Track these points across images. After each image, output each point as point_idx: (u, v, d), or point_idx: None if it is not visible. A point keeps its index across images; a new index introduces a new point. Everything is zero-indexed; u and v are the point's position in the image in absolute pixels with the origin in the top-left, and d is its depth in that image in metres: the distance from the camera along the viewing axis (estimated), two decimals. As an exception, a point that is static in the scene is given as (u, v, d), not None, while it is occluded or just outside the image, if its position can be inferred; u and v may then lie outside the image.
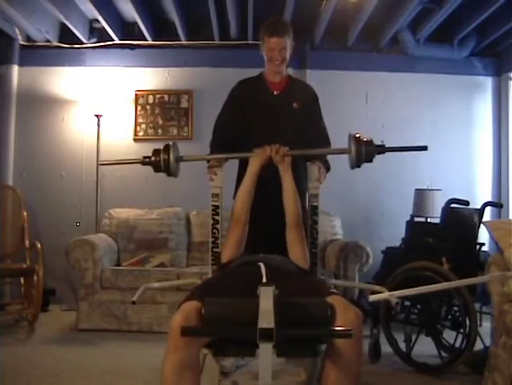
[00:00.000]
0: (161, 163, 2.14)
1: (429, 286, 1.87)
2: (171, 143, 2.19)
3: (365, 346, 3.00)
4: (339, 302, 1.52)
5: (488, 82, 4.91)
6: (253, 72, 2.67)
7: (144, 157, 2.19)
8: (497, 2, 3.80)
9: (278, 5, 4.06)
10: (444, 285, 1.98)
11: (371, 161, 2.09)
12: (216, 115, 2.67)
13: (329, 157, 2.57)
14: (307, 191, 2.49)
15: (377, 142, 2.08)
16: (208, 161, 2.50)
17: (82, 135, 4.70)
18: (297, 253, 2.04)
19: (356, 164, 2.09)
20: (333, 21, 4.34)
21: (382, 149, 2.09)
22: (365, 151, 2.06)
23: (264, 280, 1.59)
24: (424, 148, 2.09)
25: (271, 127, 2.56)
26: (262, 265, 1.74)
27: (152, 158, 2.15)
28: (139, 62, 4.77)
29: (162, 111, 4.76)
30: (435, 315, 2.96)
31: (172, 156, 2.15)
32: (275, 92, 2.60)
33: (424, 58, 4.76)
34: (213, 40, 4.70)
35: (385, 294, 1.79)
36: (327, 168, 2.54)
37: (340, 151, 2.23)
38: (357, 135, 2.09)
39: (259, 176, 2.20)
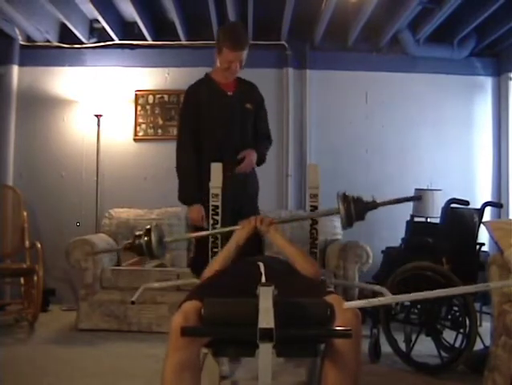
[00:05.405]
0: (144, 246, 2.06)
1: (422, 293, 1.51)
2: (153, 224, 2.13)
3: (365, 346, 3.01)
4: (338, 302, 1.52)
5: (488, 82, 4.90)
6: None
7: (126, 243, 2.12)
8: (497, 1, 3.80)
9: (278, 5, 4.06)
10: (440, 292, 1.63)
11: (362, 219, 1.97)
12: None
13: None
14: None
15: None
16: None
17: (82, 135, 4.70)
18: (302, 264, 1.91)
19: (347, 223, 1.99)
20: (333, 21, 4.33)
21: (373, 205, 1.99)
22: (355, 210, 1.98)
23: (263, 279, 1.59)
24: (419, 198, 1.99)
25: (230, 126, 2.64)
26: (261, 264, 1.74)
27: (136, 242, 2.07)
28: (139, 62, 4.77)
29: (162, 111, 4.76)
30: (435, 315, 2.95)
31: (154, 239, 2.07)
32: (229, 93, 2.69)
33: (424, 58, 4.76)
34: (213, 40, 4.69)
35: (361, 302, 1.44)
36: (261, 160, 2.70)
37: (330, 213, 2.17)
38: (345, 194, 2.00)
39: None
